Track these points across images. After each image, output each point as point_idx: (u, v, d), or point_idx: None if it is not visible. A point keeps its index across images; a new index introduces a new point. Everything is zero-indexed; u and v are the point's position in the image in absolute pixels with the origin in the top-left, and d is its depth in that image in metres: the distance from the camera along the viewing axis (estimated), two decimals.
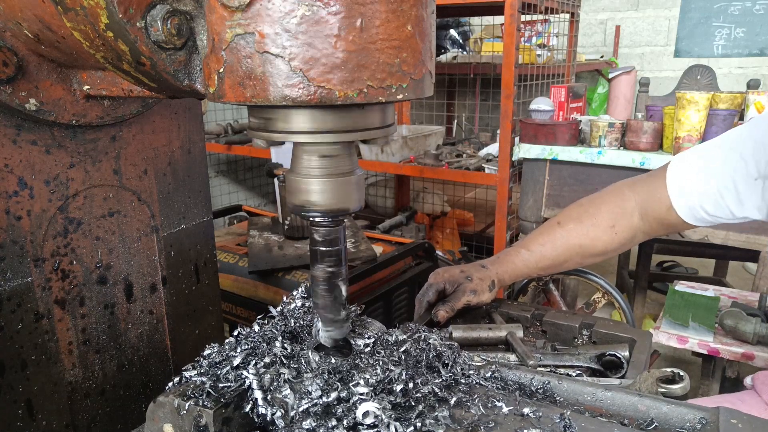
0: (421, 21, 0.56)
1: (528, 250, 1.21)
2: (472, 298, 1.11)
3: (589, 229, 1.22)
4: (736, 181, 1.10)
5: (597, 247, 1.22)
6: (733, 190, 1.10)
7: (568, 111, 2.69)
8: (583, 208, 1.25)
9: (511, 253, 1.22)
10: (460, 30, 4.22)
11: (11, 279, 0.78)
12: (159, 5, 0.57)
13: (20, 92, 0.74)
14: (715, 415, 0.66)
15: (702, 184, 1.14)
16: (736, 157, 1.10)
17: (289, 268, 1.88)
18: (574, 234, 1.22)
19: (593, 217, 1.22)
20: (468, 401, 0.67)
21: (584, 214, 1.23)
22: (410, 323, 0.83)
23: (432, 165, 3.00)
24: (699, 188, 1.14)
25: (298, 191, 0.63)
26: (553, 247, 1.21)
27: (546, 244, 1.22)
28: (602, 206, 1.24)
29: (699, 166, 1.15)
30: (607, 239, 1.21)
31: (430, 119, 4.39)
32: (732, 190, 1.10)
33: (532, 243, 1.23)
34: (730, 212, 1.12)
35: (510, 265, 1.19)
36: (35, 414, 0.82)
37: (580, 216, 1.24)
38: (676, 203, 1.17)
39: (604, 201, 1.25)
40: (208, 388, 0.63)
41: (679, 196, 1.16)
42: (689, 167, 1.16)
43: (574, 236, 1.21)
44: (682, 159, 1.19)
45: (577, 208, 1.26)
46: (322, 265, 0.68)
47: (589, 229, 1.22)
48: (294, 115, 0.57)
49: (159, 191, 0.98)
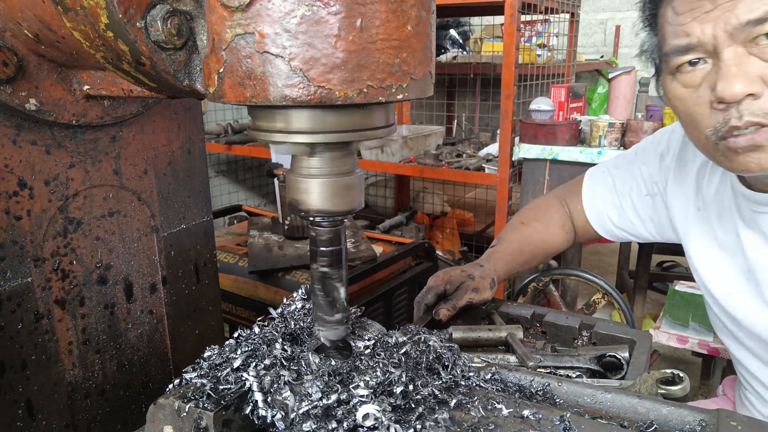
0: (421, 21, 0.56)
1: (510, 245, 1.32)
2: (475, 295, 1.12)
3: (548, 227, 1.36)
4: (633, 197, 1.23)
5: (555, 243, 1.36)
6: (631, 205, 1.24)
7: (568, 111, 2.68)
8: (536, 211, 1.40)
9: (499, 251, 1.30)
10: (460, 30, 4.22)
11: (11, 279, 0.78)
12: (159, 5, 0.57)
13: (20, 92, 0.74)
14: (715, 418, 0.66)
15: (608, 199, 1.28)
16: (630, 175, 1.24)
17: (289, 268, 1.88)
18: (538, 231, 1.34)
19: (548, 218, 1.37)
20: (468, 403, 0.67)
21: (540, 215, 1.38)
22: (410, 325, 0.83)
23: (432, 165, 3.00)
24: (606, 202, 1.29)
25: (292, 191, 0.63)
26: (526, 242, 1.33)
27: (521, 240, 1.33)
28: (550, 209, 1.38)
29: (606, 182, 1.29)
30: (562, 237, 1.36)
31: (430, 119, 4.39)
32: (631, 206, 1.24)
33: (510, 239, 1.34)
34: (633, 225, 1.25)
35: (501, 262, 1.26)
36: (35, 414, 0.82)
37: (538, 217, 1.37)
38: (589, 216, 1.32)
39: (551, 205, 1.40)
40: (209, 390, 0.63)
41: (592, 209, 1.31)
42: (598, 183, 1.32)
43: (538, 234, 1.34)
44: (593, 175, 1.34)
45: (533, 210, 1.41)
46: (316, 265, 0.67)
47: (547, 227, 1.36)
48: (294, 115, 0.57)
49: (159, 191, 0.98)
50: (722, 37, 0.80)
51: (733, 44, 0.80)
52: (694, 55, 0.84)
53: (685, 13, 0.83)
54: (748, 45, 0.79)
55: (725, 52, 0.80)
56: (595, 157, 2.41)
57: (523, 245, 1.32)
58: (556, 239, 1.35)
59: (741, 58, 0.80)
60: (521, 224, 1.37)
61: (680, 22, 0.84)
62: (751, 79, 0.79)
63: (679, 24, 0.84)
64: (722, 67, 0.81)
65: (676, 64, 0.86)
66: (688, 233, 1.12)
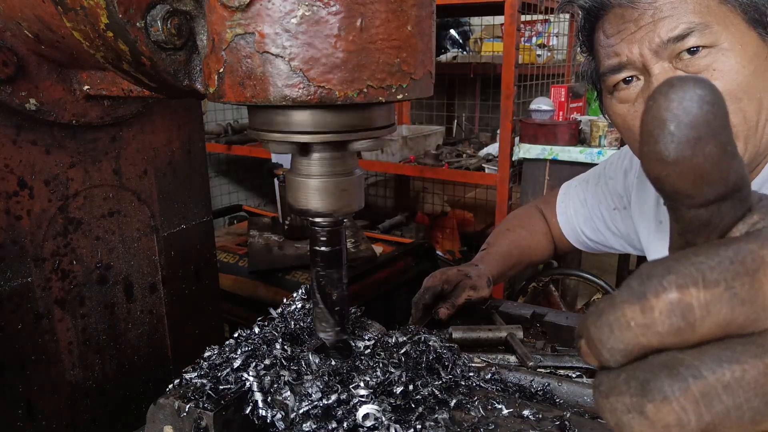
0: (421, 21, 0.56)
1: (501, 248, 1.36)
2: (473, 293, 1.13)
3: (532, 234, 1.40)
4: (602, 210, 1.29)
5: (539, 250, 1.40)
6: (601, 218, 1.29)
7: (568, 111, 2.69)
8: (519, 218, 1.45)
9: (491, 253, 1.34)
10: (460, 30, 4.22)
11: (11, 279, 0.78)
12: (159, 5, 0.57)
13: (20, 92, 0.74)
14: None
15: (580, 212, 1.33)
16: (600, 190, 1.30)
17: (289, 268, 1.88)
18: (524, 238, 1.40)
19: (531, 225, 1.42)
20: (468, 403, 0.67)
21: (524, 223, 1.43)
22: (410, 325, 0.83)
23: (432, 165, 2.99)
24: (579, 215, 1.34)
25: (292, 191, 0.63)
26: (514, 246, 1.37)
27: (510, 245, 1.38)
28: (532, 218, 1.43)
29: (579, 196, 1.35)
30: (546, 245, 1.41)
31: (430, 119, 4.39)
32: (601, 218, 1.29)
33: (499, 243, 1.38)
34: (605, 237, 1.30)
35: (494, 263, 1.29)
36: (35, 414, 0.82)
37: (523, 224, 1.42)
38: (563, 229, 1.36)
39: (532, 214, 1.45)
40: (209, 390, 0.63)
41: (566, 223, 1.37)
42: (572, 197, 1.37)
43: (524, 239, 1.40)
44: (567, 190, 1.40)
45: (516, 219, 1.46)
46: (316, 266, 0.67)
47: (532, 234, 1.41)
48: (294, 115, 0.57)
49: (159, 191, 0.98)
50: (649, 56, 0.87)
51: (660, 61, 0.86)
52: (627, 73, 0.91)
53: (614, 35, 0.90)
54: (673, 60, 0.86)
55: (654, 68, 0.87)
56: (595, 157, 2.42)
57: (512, 249, 1.36)
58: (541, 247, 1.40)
59: (668, 73, 0.87)
60: (507, 230, 1.41)
61: (610, 44, 0.91)
62: None
63: (609, 46, 0.91)
64: (653, 81, 0.87)
65: (612, 83, 0.93)
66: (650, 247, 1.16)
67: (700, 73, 0.84)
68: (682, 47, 0.84)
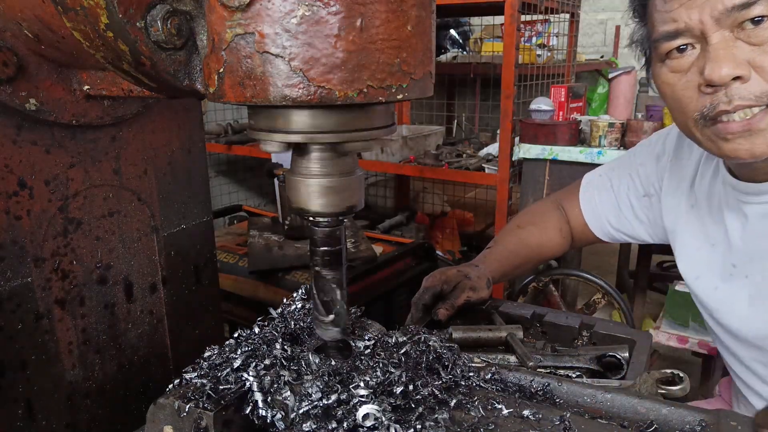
0: (421, 21, 0.56)
1: (505, 248, 1.33)
2: (472, 294, 1.12)
3: (544, 231, 1.37)
4: (630, 197, 1.25)
5: (551, 248, 1.37)
6: (629, 205, 1.25)
7: (568, 111, 2.68)
8: (532, 214, 1.42)
9: (494, 252, 1.31)
10: (460, 30, 4.22)
11: (11, 279, 0.78)
12: (159, 5, 0.57)
13: (20, 92, 0.74)
14: (715, 418, 0.66)
15: (606, 201, 1.30)
16: (628, 176, 1.26)
17: (289, 268, 1.87)
18: (534, 235, 1.35)
19: (545, 222, 1.38)
20: (468, 403, 0.67)
21: (537, 219, 1.39)
22: (410, 325, 0.83)
23: (432, 165, 2.99)
24: (605, 204, 1.30)
25: (291, 191, 0.63)
26: (522, 245, 1.35)
27: (517, 244, 1.35)
28: (547, 213, 1.40)
29: (603, 184, 1.31)
30: (559, 241, 1.37)
31: (430, 119, 4.38)
32: (628, 205, 1.26)
33: (505, 242, 1.35)
34: (631, 226, 1.27)
35: (495, 264, 1.27)
36: (35, 414, 0.82)
37: (535, 221, 1.39)
38: (588, 219, 1.33)
39: (548, 209, 1.41)
40: (209, 390, 0.63)
41: (590, 212, 1.33)
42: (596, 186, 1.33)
43: (534, 237, 1.35)
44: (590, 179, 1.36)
45: (529, 215, 1.43)
46: (315, 266, 0.67)
47: (543, 231, 1.37)
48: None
49: (159, 191, 0.98)
50: (709, 23, 0.82)
51: (720, 29, 0.82)
52: (683, 41, 0.86)
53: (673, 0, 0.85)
54: (734, 30, 0.82)
55: (712, 36, 0.82)
56: (595, 157, 2.41)
57: (518, 248, 1.33)
58: (552, 243, 1.37)
59: (728, 42, 0.81)
60: (518, 227, 1.38)
61: (668, 9, 0.86)
62: (739, 62, 0.81)
63: (666, 11, 0.86)
64: (710, 51, 0.83)
65: (665, 50, 0.88)
66: (678, 230, 1.14)
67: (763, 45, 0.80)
68: (747, 16, 0.80)
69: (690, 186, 1.11)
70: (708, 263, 1.06)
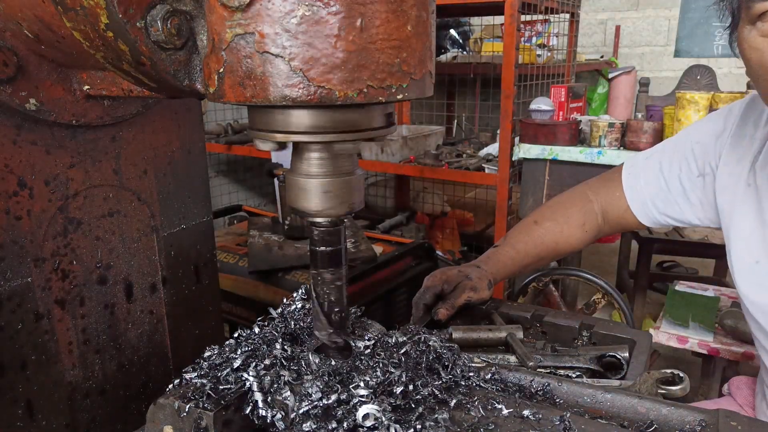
0: (421, 21, 0.56)
1: (514, 248, 1.28)
2: (473, 294, 1.12)
3: (563, 227, 1.31)
4: (682, 178, 1.19)
5: (570, 244, 1.31)
6: (679, 187, 1.19)
7: (568, 111, 2.69)
8: (554, 208, 1.35)
9: (500, 251, 1.27)
10: (460, 30, 4.22)
11: (11, 279, 0.78)
12: (159, 5, 0.57)
13: (20, 92, 0.74)
14: (715, 417, 0.66)
15: (653, 183, 1.23)
16: (681, 156, 1.20)
17: (289, 268, 1.88)
18: (551, 232, 1.30)
19: (566, 216, 1.32)
20: (468, 403, 0.67)
21: (557, 213, 1.33)
22: (410, 325, 0.83)
23: (432, 165, 2.99)
24: (651, 187, 1.23)
25: (291, 191, 0.63)
26: (534, 245, 1.29)
27: (528, 243, 1.29)
28: (571, 207, 1.33)
29: (650, 167, 1.25)
30: (579, 237, 1.31)
31: (430, 119, 4.38)
32: (679, 187, 1.19)
33: (516, 241, 1.30)
34: (680, 210, 1.21)
35: (500, 264, 1.24)
36: (35, 414, 0.82)
37: (555, 216, 1.33)
38: (631, 203, 1.26)
39: (573, 202, 1.35)
40: (209, 390, 0.63)
41: (634, 195, 1.26)
42: (641, 169, 1.27)
43: (550, 234, 1.30)
44: (634, 163, 1.30)
45: (550, 208, 1.36)
46: (315, 266, 0.67)
47: (563, 227, 1.31)
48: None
49: (159, 191, 0.98)
50: None
51: None
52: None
53: None
54: None
55: None
56: (595, 157, 2.42)
57: (528, 248, 1.29)
58: (572, 240, 1.31)
59: None
60: (534, 223, 1.33)
61: None
62: None
63: None
64: None
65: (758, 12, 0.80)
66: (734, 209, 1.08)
67: None
68: None
69: (750, 165, 1.06)
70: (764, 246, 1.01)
